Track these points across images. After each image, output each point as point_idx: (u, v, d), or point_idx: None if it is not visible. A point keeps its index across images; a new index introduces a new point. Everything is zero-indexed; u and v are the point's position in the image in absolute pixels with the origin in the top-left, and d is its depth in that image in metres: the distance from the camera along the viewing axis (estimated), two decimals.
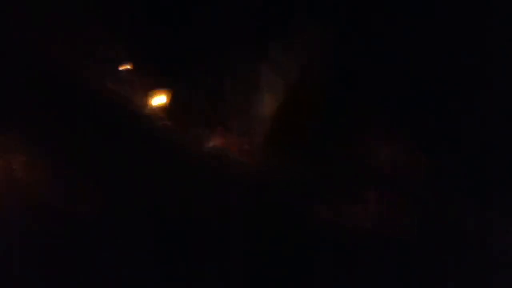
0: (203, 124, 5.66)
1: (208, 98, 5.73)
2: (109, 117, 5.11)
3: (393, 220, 5.07)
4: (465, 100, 5.10)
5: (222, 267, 4.79)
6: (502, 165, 4.97)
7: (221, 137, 5.72)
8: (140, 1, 5.47)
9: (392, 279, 4.83)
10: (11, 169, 4.79)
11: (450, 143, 5.11)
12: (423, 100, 5.22)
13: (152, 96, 5.55)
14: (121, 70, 5.48)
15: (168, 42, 5.48)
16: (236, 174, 5.29)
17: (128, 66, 5.48)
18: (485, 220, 4.90)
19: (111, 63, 5.46)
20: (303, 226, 5.02)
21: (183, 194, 4.99)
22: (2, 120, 4.84)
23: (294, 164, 5.43)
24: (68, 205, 4.80)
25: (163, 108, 5.54)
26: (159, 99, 5.55)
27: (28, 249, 4.58)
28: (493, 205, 4.92)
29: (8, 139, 4.81)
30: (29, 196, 4.73)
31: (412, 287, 4.87)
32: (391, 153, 5.32)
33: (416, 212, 5.07)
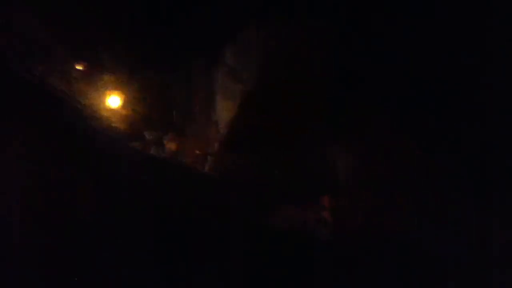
0: (156, 129, 5.62)
1: (161, 102, 5.70)
2: (55, 119, 4.96)
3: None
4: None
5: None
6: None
7: (174, 143, 5.70)
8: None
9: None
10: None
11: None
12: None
13: (103, 98, 5.45)
14: (70, 71, 5.39)
15: (119, 45, 5.42)
16: (189, 180, 5.26)
17: (79, 66, 5.38)
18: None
19: (60, 63, 5.37)
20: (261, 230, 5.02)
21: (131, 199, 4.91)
22: None
23: (253, 170, 5.44)
24: None
25: (114, 111, 5.45)
26: (111, 102, 5.44)
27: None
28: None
29: None
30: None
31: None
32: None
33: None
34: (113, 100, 5.47)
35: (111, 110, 5.47)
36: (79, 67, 5.41)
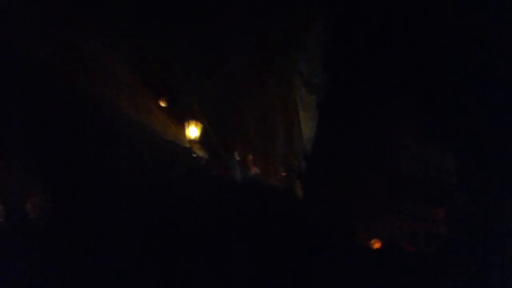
0: (238, 153, 5.34)
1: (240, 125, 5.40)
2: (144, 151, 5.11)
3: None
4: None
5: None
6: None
7: (258, 165, 5.34)
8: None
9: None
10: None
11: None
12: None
13: (186, 129, 5.43)
14: (155, 105, 5.40)
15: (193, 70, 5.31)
16: (274, 203, 5.14)
17: (162, 103, 5.38)
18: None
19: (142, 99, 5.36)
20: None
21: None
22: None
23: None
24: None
25: (197, 140, 5.37)
26: (192, 132, 5.40)
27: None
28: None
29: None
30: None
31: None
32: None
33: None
34: (194, 130, 5.44)
35: (193, 139, 5.43)
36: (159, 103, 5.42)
